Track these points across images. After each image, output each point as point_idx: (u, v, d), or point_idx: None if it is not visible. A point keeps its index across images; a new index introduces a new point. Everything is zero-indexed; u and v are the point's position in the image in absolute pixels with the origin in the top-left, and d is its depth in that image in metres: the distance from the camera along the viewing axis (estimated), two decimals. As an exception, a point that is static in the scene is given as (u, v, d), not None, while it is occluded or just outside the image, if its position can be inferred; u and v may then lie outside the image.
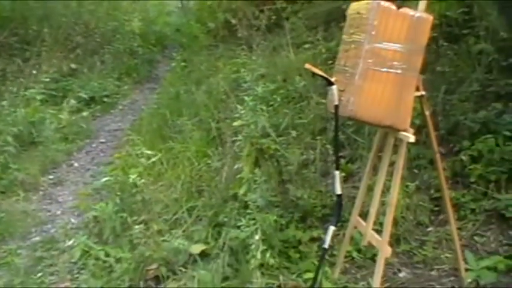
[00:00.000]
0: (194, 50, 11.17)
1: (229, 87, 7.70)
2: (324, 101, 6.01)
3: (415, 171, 5.18)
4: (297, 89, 6.43)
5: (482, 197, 4.80)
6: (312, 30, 8.88)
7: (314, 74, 3.54)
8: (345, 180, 5.25)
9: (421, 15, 3.41)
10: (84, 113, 9.54)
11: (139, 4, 14.47)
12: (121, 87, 11.00)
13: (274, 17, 10.16)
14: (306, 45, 8.06)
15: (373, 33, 3.35)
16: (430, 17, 3.43)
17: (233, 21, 11.06)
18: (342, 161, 5.45)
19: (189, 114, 7.42)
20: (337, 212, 3.68)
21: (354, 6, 3.65)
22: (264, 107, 5.02)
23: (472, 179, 4.93)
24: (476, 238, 4.58)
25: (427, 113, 3.74)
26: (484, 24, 6.20)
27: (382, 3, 3.36)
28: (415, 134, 3.44)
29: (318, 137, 5.42)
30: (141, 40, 12.31)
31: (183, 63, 10.45)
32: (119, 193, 5.15)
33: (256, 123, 4.67)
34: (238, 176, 4.60)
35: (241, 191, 4.46)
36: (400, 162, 3.57)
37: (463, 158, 5.04)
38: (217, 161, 5.93)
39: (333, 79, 3.52)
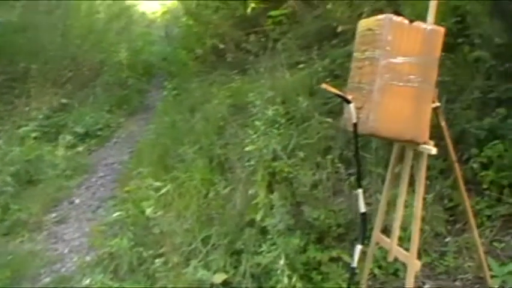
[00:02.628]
0: (184, 77, 11.12)
1: (227, 112, 7.67)
2: (328, 119, 6.01)
3: (427, 182, 5.15)
4: (299, 110, 6.39)
5: (496, 202, 4.81)
6: (303, 49, 8.85)
7: (333, 94, 3.52)
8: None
9: (433, 27, 3.43)
10: (80, 148, 9.49)
11: (123, 35, 14.44)
12: (114, 119, 10.93)
13: (263, 39, 10.10)
14: (300, 65, 8.02)
15: (387, 48, 3.35)
16: (442, 29, 3.44)
17: (221, 46, 10.99)
18: (351, 178, 5.42)
19: (189, 142, 7.36)
20: (362, 230, 3.65)
21: (363, 23, 3.66)
22: (275, 130, 4.99)
23: (485, 186, 4.94)
24: (495, 244, 4.59)
25: (442, 123, 3.73)
26: (478, 31, 6.22)
27: (394, 18, 3.36)
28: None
29: (327, 156, 5.39)
30: (129, 70, 12.25)
31: (174, 92, 10.40)
32: (132, 227, 5.09)
33: (267, 146, 4.63)
34: (254, 201, 4.55)
35: (259, 217, 4.42)
36: (422, 174, 3.56)
37: (474, 165, 5.04)
38: (223, 187, 5.89)
39: (349, 97, 3.51)
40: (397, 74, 3.36)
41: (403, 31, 3.37)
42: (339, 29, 7.73)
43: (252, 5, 10.99)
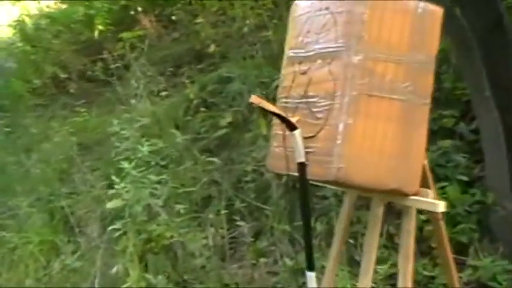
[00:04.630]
0: (19, 112, 9.31)
1: (72, 152, 6.05)
2: (212, 159, 4.60)
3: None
4: (173, 146, 4.93)
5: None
6: (163, 76, 7.45)
7: (264, 110, 2.12)
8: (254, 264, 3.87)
9: (425, 7, 2.11)
10: None
11: None
12: None
13: (112, 66, 8.61)
14: (163, 93, 6.58)
15: (363, 35, 1.99)
16: (439, 10, 2.14)
17: (62, 75, 9.40)
18: (249, 238, 4.05)
19: (23, 191, 5.66)
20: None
21: (305, 3, 2.30)
22: (154, 177, 3.50)
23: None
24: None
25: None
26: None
27: (371, -13, 2.03)
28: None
29: (218, 210, 3.95)
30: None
31: (6, 129, 8.56)
32: None
33: (140, 201, 3.12)
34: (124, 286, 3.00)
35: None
36: (411, 242, 2.23)
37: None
38: (71, 253, 4.30)
39: (293, 119, 2.11)
40: (377, 80, 2.00)
41: (385, 12, 2.04)
42: (211, 48, 6.42)
43: (100, 27, 9.45)
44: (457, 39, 3.92)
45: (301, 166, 2.13)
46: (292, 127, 2.11)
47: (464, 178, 3.99)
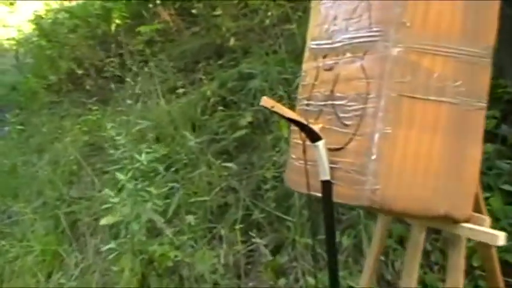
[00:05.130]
0: (33, 109, 9.01)
1: (81, 154, 5.67)
2: (227, 164, 4.20)
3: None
4: (183, 150, 4.52)
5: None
6: (181, 72, 7.09)
7: (280, 116, 1.71)
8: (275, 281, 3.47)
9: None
10: None
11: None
12: None
13: (129, 62, 8.28)
14: (180, 90, 6.18)
15: (404, 21, 1.56)
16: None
17: (79, 71, 9.08)
18: (266, 250, 3.64)
19: (29, 195, 5.30)
20: None
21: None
22: (153, 190, 3.09)
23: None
24: None
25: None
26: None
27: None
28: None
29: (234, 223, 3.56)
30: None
31: (19, 127, 8.25)
32: None
33: (139, 217, 2.71)
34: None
35: None
36: (459, 280, 1.81)
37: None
38: (74, 265, 3.93)
39: (316, 126, 1.71)
40: (422, 77, 1.57)
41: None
42: (231, 42, 6.02)
43: (117, 21, 9.10)
44: (500, 32, 3.49)
45: (326, 185, 1.71)
46: (314, 137, 1.69)
47: (509, 188, 3.54)
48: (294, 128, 1.96)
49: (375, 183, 1.60)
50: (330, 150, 1.71)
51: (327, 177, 1.70)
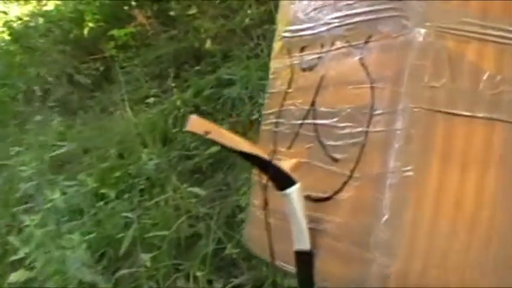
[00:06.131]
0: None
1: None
2: (193, 189, 3.57)
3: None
4: (143, 170, 3.87)
5: None
6: (155, 79, 6.49)
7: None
8: None
9: None
10: None
11: None
12: None
13: (102, 69, 7.75)
14: (150, 99, 5.57)
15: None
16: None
17: (49, 78, 8.54)
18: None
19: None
20: None
21: None
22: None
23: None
24: None
25: None
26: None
27: None
28: None
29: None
30: None
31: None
32: None
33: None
34: None
35: None
36: None
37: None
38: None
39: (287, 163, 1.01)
40: (466, 80, 0.87)
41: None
42: (207, 44, 5.44)
43: (90, 24, 8.51)
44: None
45: (303, 259, 1.03)
46: (283, 180, 1.01)
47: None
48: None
49: (388, 258, 0.93)
50: (310, 200, 1.03)
51: (305, 247, 1.02)
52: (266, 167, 1.03)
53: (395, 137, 0.91)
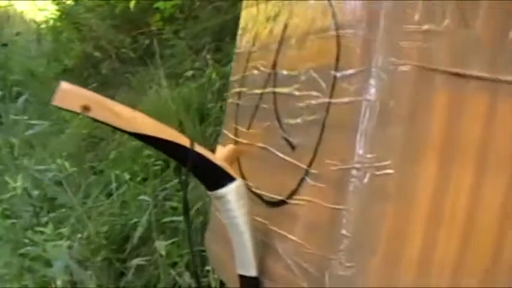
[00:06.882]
0: (43, 98, 8.31)
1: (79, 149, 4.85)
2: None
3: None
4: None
5: None
6: (198, 53, 6.24)
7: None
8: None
9: None
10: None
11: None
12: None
13: (147, 42, 7.62)
14: (190, 73, 5.33)
15: None
16: None
17: (96, 53, 8.45)
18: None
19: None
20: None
21: None
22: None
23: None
24: None
25: None
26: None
27: None
28: None
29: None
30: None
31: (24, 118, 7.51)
32: None
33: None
34: None
35: None
36: None
37: None
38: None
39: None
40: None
41: None
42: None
43: (136, -3, 8.35)
44: None
45: (248, 284, 0.70)
46: (215, 176, 0.68)
47: None
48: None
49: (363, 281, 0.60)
50: (263, 203, 0.71)
51: (250, 271, 0.69)
52: (186, 157, 0.71)
53: (365, 112, 0.55)
